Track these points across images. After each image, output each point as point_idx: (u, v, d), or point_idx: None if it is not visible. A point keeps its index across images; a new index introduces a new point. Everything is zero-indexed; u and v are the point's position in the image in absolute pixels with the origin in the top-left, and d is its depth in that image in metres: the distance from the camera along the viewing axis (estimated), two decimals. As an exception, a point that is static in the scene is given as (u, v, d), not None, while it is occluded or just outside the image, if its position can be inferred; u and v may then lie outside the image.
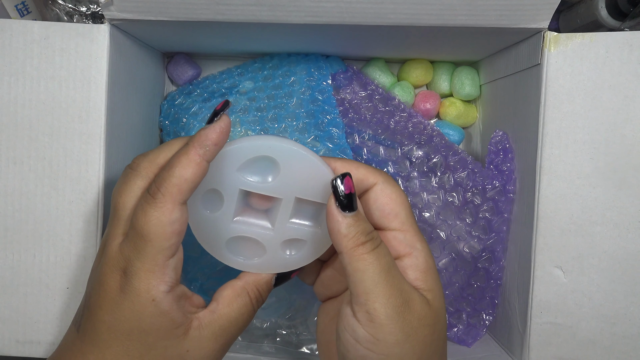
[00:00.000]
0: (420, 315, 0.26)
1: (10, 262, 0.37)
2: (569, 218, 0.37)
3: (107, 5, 0.34)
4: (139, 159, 0.28)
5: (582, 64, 0.37)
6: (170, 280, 0.26)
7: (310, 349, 0.44)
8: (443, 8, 0.34)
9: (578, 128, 0.37)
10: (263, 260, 0.30)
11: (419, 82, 0.51)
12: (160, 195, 0.25)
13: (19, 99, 0.37)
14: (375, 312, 0.25)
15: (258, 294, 0.30)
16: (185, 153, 0.25)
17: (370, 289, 0.25)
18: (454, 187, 0.45)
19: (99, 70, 0.36)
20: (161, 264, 0.26)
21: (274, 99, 0.45)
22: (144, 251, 0.25)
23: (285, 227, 0.29)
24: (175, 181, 0.25)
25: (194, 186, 0.26)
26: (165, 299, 0.26)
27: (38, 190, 0.37)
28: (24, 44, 0.36)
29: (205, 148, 0.25)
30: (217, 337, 0.28)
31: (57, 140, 0.37)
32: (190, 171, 0.25)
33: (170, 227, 0.25)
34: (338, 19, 0.35)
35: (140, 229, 0.25)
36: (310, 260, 0.31)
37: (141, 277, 0.25)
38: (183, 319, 0.27)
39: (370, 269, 0.26)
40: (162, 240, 0.25)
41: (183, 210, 0.26)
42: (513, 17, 0.35)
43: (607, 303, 0.37)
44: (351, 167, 0.29)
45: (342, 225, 0.26)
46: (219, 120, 0.26)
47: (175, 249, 0.26)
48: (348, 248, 0.26)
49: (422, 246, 0.29)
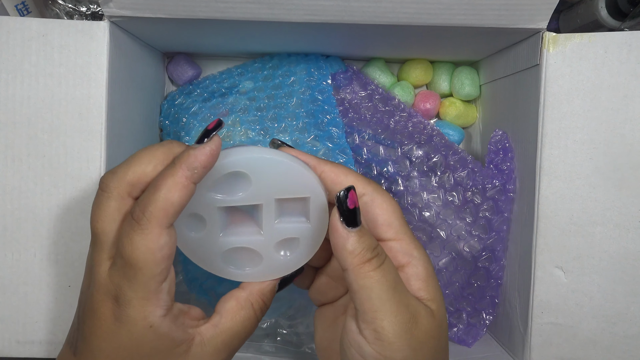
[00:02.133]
0: (427, 328, 0.26)
1: (10, 261, 0.37)
2: (569, 218, 0.37)
3: (106, 2, 0.35)
4: (106, 179, 0.26)
5: (581, 64, 0.37)
6: (165, 304, 0.25)
7: (310, 349, 0.44)
8: (441, 7, 0.34)
9: (577, 128, 0.37)
10: (262, 268, 0.30)
11: (419, 82, 0.51)
12: (146, 221, 0.24)
13: (17, 96, 0.37)
14: (383, 331, 0.25)
15: (262, 304, 0.30)
16: (172, 175, 0.24)
17: (378, 307, 0.25)
18: (454, 187, 0.45)
19: (98, 67, 0.36)
20: (154, 290, 0.25)
21: (274, 98, 0.45)
22: (135, 279, 0.24)
23: (273, 228, 0.29)
24: (161, 205, 0.24)
25: (179, 209, 0.25)
26: (163, 323, 0.25)
27: (38, 188, 0.37)
28: (22, 41, 0.36)
29: (194, 171, 0.24)
30: (219, 352, 0.27)
31: (56, 137, 0.37)
32: (177, 194, 0.24)
33: (159, 252, 0.24)
34: (337, 17, 0.35)
35: (129, 258, 0.24)
36: (308, 257, 0.30)
37: (135, 305, 0.25)
38: (184, 336, 0.26)
39: (377, 286, 0.25)
40: (152, 267, 0.24)
41: (171, 233, 0.25)
42: (511, 17, 0.35)
43: (607, 303, 0.37)
44: (339, 175, 0.28)
45: (347, 241, 0.25)
46: (210, 142, 0.25)
47: (167, 272, 0.25)
48: (354, 265, 0.25)
49: (419, 253, 0.28)
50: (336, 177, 0.28)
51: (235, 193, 0.28)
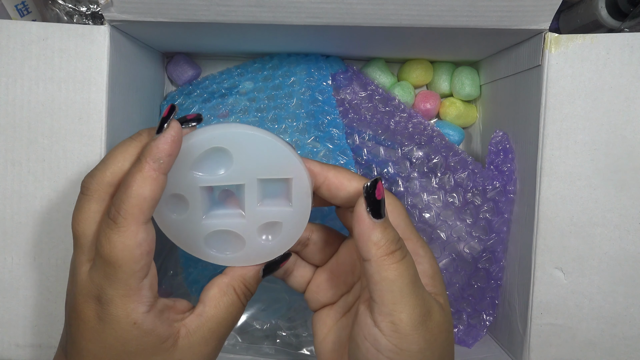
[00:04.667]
0: (439, 322, 0.26)
1: (10, 265, 0.37)
2: (570, 219, 0.37)
3: (107, 7, 0.34)
4: (86, 181, 0.26)
5: (582, 66, 0.37)
6: (147, 300, 0.25)
7: (310, 351, 0.44)
8: (444, 9, 0.34)
9: (579, 129, 0.37)
10: (244, 252, 0.29)
11: (419, 82, 0.51)
12: (122, 219, 0.24)
13: (17, 100, 0.36)
14: (402, 323, 0.25)
15: (245, 289, 0.30)
16: (140, 170, 0.24)
17: (398, 300, 0.25)
18: (454, 188, 0.45)
19: (99, 71, 0.36)
20: (135, 287, 0.25)
21: (274, 99, 0.45)
22: (115, 278, 0.24)
23: (256, 211, 0.28)
24: (135, 201, 0.24)
25: (154, 203, 0.25)
26: (147, 319, 0.25)
27: (37, 192, 0.37)
28: (22, 45, 0.36)
29: (160, 161, 0.24)
30: (207, 340, 0.28)
31: (56, 142, 0.36)
32: (148, 188, 0.24)
33: (138, 249, 0.24)
34: (339, 20, 0.35)
35: (107, 257, 0.24)
36: (291, 243, 0.30)
37: (117, 303, 0.25)
38: (170, 330, 0.26)
39: (399, 279, 0.25)
40: (131, 264, 0.24)
41: (148, 229, 0.25)
42: (514, 18, 0.35)
43: (607, 304, 0.37)
44: (343, 179, 0.28)
45: (372, 232, 0.25)
46: (168, 129, 0.25)
47: (147, 269, 0.25)
48: (377, 256, 0.25)
49: (424, 252, 0.28)
50: (340, 183, 0.28)
51: (217, 172, 0.27)
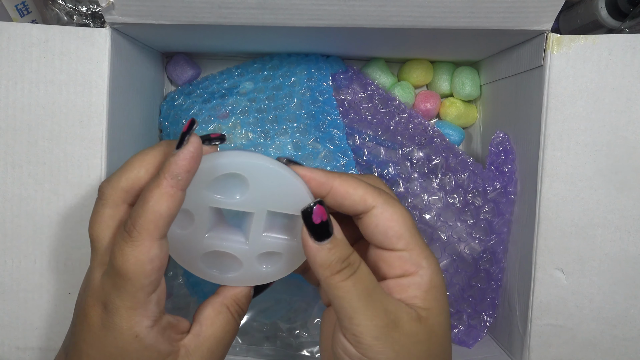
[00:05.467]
0: (410, 332, 0.26)
1: (10, 267, 0.37)
2: (570, 220, 0.37)
3: (109, 9, 0.34)
4: (103, 186, 0.27)
5: (584, 66, 0.37)
6: (153, 315, 0.26)
7: (310, 352, 0.44)
8: (446, 10, 0.34)
9: (580, 130, 0.37)
10: (240, 274, 0.30)
11: (419, 83, 0.51)
12: (137, 233, 0.24)
13: (18, 103, 0.36)
14: (361, 335, 0.26)
15: (238, 308, 0.30)
16: (157, 186, 0.24)
17: (352, 314, 0.26)
18: (454, 189, 0.45)
19: (100, 74, 0.36)
20: (142, 301, 0.25)
21: (274, 99, 0.45)
22: (124, 289, 0.25)
23: (259, 240, 0.29)
24: (151, 217, 0.24)
25: (170, 219, 0.25)
26: (149, 334, 0.25)
27: (38, 195, 0.36)
28: (23, 47, 0.36)
29: (178, 178, 0.24)
30: (210, 352, 0.28)
31: (57, 144, 0.36)
32: (165, 205, 0.24)
33: (149, 265, 0.24)
34: (341, 21, 0.35)
35: (119, 268, 0.24)
36: (287, 272, 0.30)
37: (122, 314, 0.25)
38: (170, 348, 0.26)
39: (348, 295, 0.26)
40: (141, 278, 0.24)
41: (162, 245, 0.25)
42: (516, 19, 0.35)
43: (607, 305, 0.37)
44: (349, 188, 0.28)
45: (317, 255, 0.26)
46: (187, 145, 0.25)
47: (157, 284, 0.26)
48: (325, 277, 0.26)
49: (428, 264, 0.28)
50: (345, 191, 0.28)
51: (230, 196, 0.28)
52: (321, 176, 0.29)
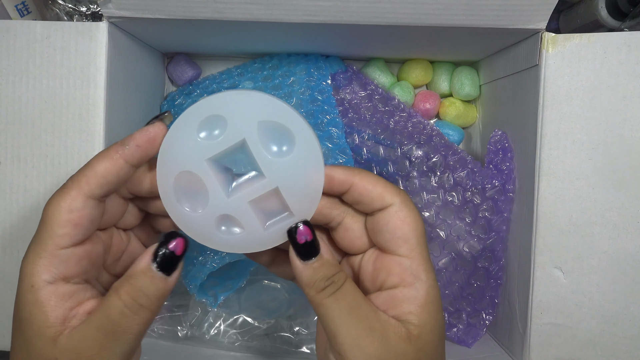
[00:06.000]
0: (398, 351, 0.26)
1: (16, 258, 0.38)
2: (568, 219, 0.37)
3: (105, 3, 0.35)
4: None
5: (580, 65, 0.37)
6: (56, 272, 0.24)
7: (310, 349, 0.44)
8: (440, 8, 0.35)
9: (576, 129, 0.37)
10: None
11: (419, 82, 0.51)
12: (69, 183, 0.25)
13: (23, 97, 0.37)
14: (345, 354, 0.25)
15: (133, 289, 0.25)
16: (107, 149, 0.25)
17: (336, 333, 0.25)
18: (453, 187, 0.45)
19: (97, 68, 0.37)
20: (50, 251, 0.24)
21: (273, 99, 0.45)
22: (39, 234, 0.24)
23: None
24: (86, 172, 0.25)
25: (104, 182, 0.25)
26: (44, 289, 0.24)
27: (41, 187, 0.37)
28: (27, 44, 0.37)
29: (125, 146, 0.25)
30: (84, 349, 0.24)
31: (58, 137, 0.37)
32: (103, 166, 0.24)
33: (66, 214, 0.24)
34: (335, 18, 0.35)
35: (43, 213, 0.25)
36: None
37: (28, 260, 0.24)
38: (58, 320, 0.24)
39: (330, 313, 0.25)
40: (54, 225, 0.24)
41: (88, 204, 0.24)
42: (510, 17, 0.35)
43: (607, 303, 0.37)
44: (367, 185, 0.27)
45: (302, 274, 0.26)
46: (150, 125, 0.25)
47: (69, 240, 0.24)
48: (310, 295, 0.26)
49: (426, 277, 0.27)
50: (364, 188, 0.27)
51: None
52: (341, 174, 0.28)
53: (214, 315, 0.45)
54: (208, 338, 0.45)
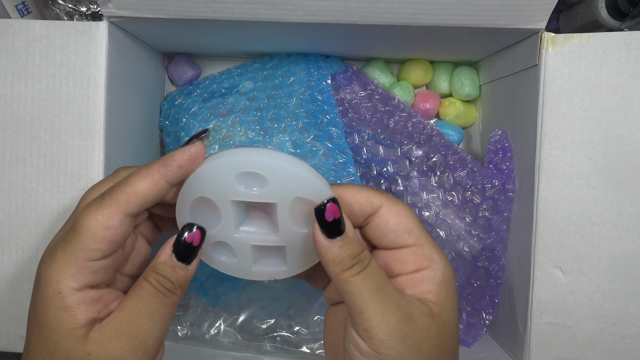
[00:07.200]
0: (423, 328, 0.26)
1: (15, 258, 0.38)
2: (568, 219, 0.37)
3: (105, 3, 0.35)
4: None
5: (579, 65, 0.37)
6: (84, 281, 0.25)
7: (310, 348, 0.44)
8: (440, 7, 0.35)
9: (576, 128, 0.37)
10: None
11: (419, 82, 0.51)
12: (108, 199, 0.25)
13: (22, 97, 0.37)
14: (373, 330, 0.25)
15: (158, 276, 0.27)
16: (147, 168, 0.25)
17: (363, 309, 0.26)
18: (453, 186, 0.45)
19: (97, 67, 0.37)
20: (80, 261, 0.25)
21: (273, 99, 0.45)
22: (70, 243, 0.25)
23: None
24: (127, 190, 0.25)
25: (145, 202, 0.25)
26: (71, 295, 0.25)
27: (40, 187, 0.37)
28: (26, 43, 0.37)
29: (167, 167, 0.25)
30: (120, 334, 0.25)
31: (57, 137, 0.37)
32: (145, 185, 0.25)
33: (103, 230, 0.24)
34: (335, 18, 0.35)
35: (76, 223, 0.25)
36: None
37: (55, 267, 0.25)
38: (88, 322, 0.25)
39: (358, 290, 0.26)
40: (89, 239, 0.24)
41: (125, 222, 0.25)
42: (510, 17, 0.35)
43: (607, 303, 0.37)
44: (353, 192, 0.28)
45: (328, 252, 0.26)
46: (191, 145, 0.26)
47: (101, 255, 0.25)
48: (335, 273, 0.26)
49: (440, 258, 0.28)
50: (351, 197, 0.28)
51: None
52: None
53: (214, 315, 0.45)
54: (208, 338, 0.45)
